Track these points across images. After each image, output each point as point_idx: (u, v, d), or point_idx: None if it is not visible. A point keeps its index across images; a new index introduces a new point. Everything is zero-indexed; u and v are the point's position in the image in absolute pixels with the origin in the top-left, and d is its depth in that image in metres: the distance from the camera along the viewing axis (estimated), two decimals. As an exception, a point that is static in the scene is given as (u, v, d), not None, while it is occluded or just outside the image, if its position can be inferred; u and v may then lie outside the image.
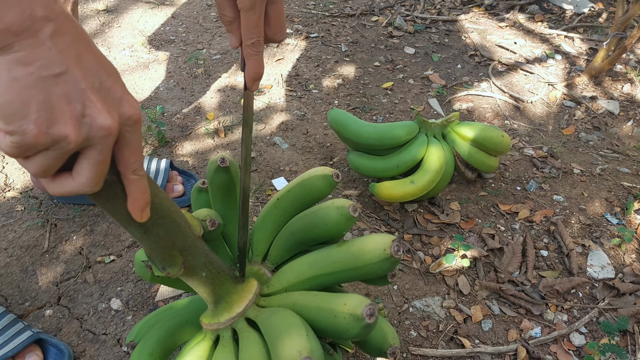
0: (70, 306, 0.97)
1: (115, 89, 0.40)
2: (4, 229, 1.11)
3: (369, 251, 0.63)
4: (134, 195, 0.45)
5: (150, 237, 0.53)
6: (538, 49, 1.78)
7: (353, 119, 1.13)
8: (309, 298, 0.64)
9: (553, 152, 1.33)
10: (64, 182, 0.41)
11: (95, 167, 0.40)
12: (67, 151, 0.38)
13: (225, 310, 0.65)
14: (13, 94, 0.35)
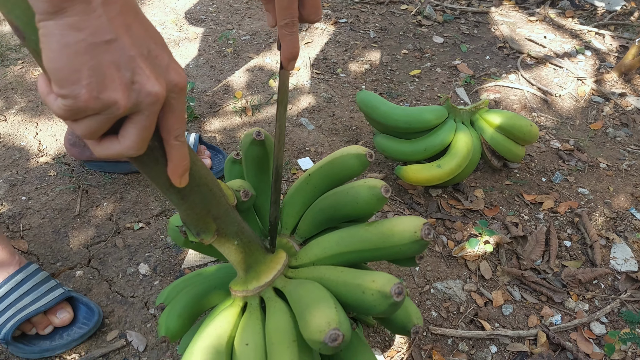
0: (100, 268, 0.99)
1: (162, 57, 0.41)
2: (37, 192, 1.14)
3: (399, 232, 0.63)
4: (175, 161, 0.47)
5: (187, 203, 0.55)
6: (568, 44, 1.77)
7: (382, 101, 1.14)
8: (336, 273, 0.65)
9: (580, 146, 1.33)
10: (110, 145, 0.43)
11: (141, 131, 0.42)
12: (116, 116, 0.39)
13: (254, 278, 0.67)
14: (66, 59, 0.36)
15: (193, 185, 0.54)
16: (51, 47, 0.36)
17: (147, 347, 0.88)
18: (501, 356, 0.89)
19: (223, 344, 0.63)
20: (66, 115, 0.38)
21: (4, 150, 1.24)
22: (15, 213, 1.09)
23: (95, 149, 0.43)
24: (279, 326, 0.62)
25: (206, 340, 0.63)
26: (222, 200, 0.59)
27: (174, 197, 0.54)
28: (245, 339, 0.63)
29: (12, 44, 1.63)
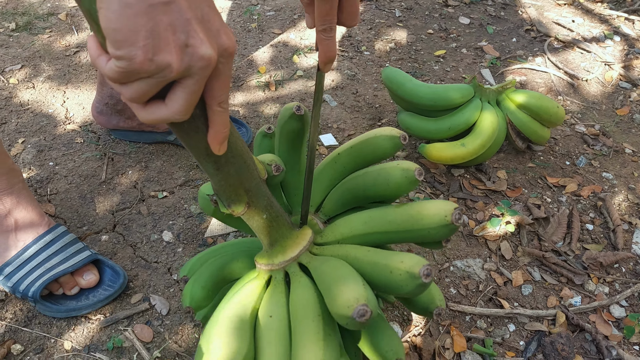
0: (124, 234, 1.01)
1: (214, 20, 0.41)
2: (64, 158, 1.16)
3: (429, 216, 0.63)
4: (216, 127, 0.47)
5: (222, 174, 0.55)
6: (596, 29, 1.73)
7: (408, 78, 1.13)
8: (363, 252, 0.65)
9: (605, 131, 1.31)
10: (156, 110, 0.43)
11: (189, 95, 0.42)
12: (167, 79, 0.40)
13: (280, 253, 0.67)
14: (124, 20, 0.37)
15: (229, 155, 0.54)
16: (111, 7, 0.37)
17: (170, 311, 0.90)
18: (519, 334, 0.89)
19: (247, 314, 0.64)
20: (118, 77, 0.39)
21: (32, 117, 1.26)
22: (43, 178, 1.11)
23: (140, 113, 0.43)
24: (304, 300, 0.63)
25: (231, 310, 0.64)
26: (254, 174, 0.59)
27: (210, 166, 0.54)
28: (269, 311, 0.64)
29: (40, 13, 1.65)
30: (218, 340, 0.61)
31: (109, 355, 0.83)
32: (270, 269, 0.68)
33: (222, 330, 0.62)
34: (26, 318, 0.88)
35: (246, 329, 0.63)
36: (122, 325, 0.87)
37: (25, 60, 1.44)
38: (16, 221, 0.88)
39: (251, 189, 0.60)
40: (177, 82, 0.41)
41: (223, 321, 0.63)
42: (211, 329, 0.63)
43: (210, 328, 0.64)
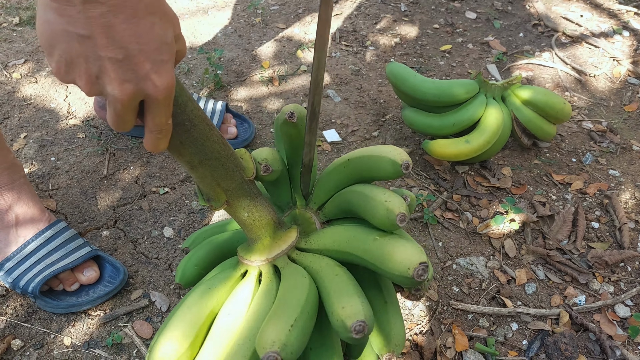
0: (125, 229, 1.01)
1: (142, 66, 0.41)
2: (66, 153, 1.15)
3: (396, 261, 0.61)
4: (145, 142, 0.49)
5: (196, 173, 0.59)
6: (605, 24, 1.71)
7: (412, 73, 1.12)
8: (330, 276, 0.64)
9: (613, 128, 1.30)
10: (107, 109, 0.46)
11: (112, 118, 0.45)
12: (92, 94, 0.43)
13: (257, 251, 0.69)
14: (44, 32, 0.40)
15: (202, 159, 0.58)
16: (39, 15, 0.40)
17: (170, 307, 0.89)
18: (522, 333, 0.88)
19: (208, 307, 0.67)
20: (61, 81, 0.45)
21: (34, 112, 1.26)
22: (45, 173, 1.11)
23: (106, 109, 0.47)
24: (262, 309, 0.64)
25: (194, 297, 0.67)
26: (235, 175, 0.62)
27: (184, 165, 0.58)
28: (229, 309, 0.66)
29: (44, 7, 1.65)
30: (167, 330, 0.64)
31: (109, 351, 0.83)
32: (246, 264, 0.69)
33: (176, 318, 0.65)
34: (26, 314, 0.88)
35: (197, 323, 0.65)
36: (122, 322, 0.87)
37: (28, 55, 1.44)
38: (17, 216, 0.88)
39: (230, 189, 0.63)
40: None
41: (182, 308, 0.66)
42: (172, 313, 0.66)
43: (173, 311, 0.67)
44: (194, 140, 0.56)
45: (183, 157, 0.57)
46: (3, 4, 1.64)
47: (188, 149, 0.56)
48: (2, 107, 1.26)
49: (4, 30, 1.53)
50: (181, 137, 0.54)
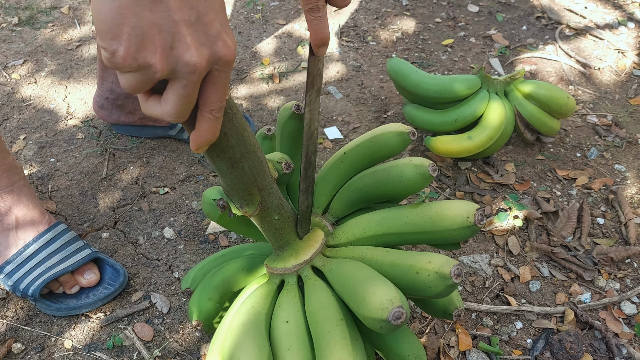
0: (125, 230, 1.00)
1: (212, 26, 0.39)
2: (65, 154, 1.15)
3: (450, 217, 0.61)
4: (200, 132, 0.45)
5: (235, 172, 0.53)
6: (610, 15, 1.69)
7: (413, 69, 1.10)
8: (381, 253, 0.63)
9: (618, 121, 1.28)
10: (153, 105, 0.42)
11: (179, 99, 0.40)
12: (154, 78, 0.38)
13: (292, 256, 0.65)
14: (110, 12, 0.36)
15: (244, 151, 0.52)
16: (97, 0, 0.36)
17: (171, 309, 0.89)
18: (526, 332, 0.87)
19: (262, 320, 0.62)
20: (108, 65, 0.38)
21: (33, 112, 1.25)
22: (44, 174, 1.10)
23: (142, 104, 0.43)
24: (323, 305, 0.61)
25: (244, 317, 0.62)
26: (267, 171, 0.57)
27: (224, 164, 0.52)
28: (285, 317, 0.62)
29: (43, 6, 1.64)
30: (237, 351, 0.58)
31: (109, 354, 0.83)
32: (282, 272, 0.66)
33: (239, 339, 0.59)
34: (27, 317, 0.87)
35: (263, 336, 0.60)
36: (123, 324, 0.86)
37: (27, 55, 1.43)
38: (17, 219, 0.88)
39: (264, 188, 0.58)
40: (169, 82, 0.40)
41: (238, 330, 0.60)
42: (226, 339, 0.61)
43: (224, 338, 0.61)
44: (236, 131, 0.50)
45: (226, 153, 0.51)
46: (2, 4, 1.64)
47: (232, 140, 0.50)
48: (2, 109, 1.26)
49: (3, 31, 1.53)
50: (225, 127, 0.49)
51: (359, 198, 0.70)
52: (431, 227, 0.62)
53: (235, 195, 0.56)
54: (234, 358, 0.57)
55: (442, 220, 0.61)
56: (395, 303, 0.52)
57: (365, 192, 0.69)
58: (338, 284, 0.61)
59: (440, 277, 0.56)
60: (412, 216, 0.63)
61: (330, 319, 0.59)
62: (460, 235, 0.61)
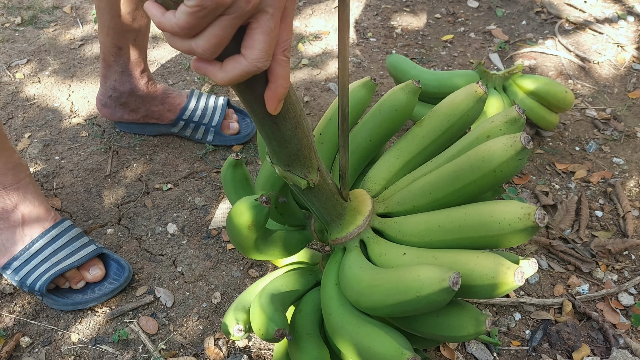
0: (129, 227, 1.02)
1: None
2: (69, 152, 1.16)
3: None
4: (278, 81, 0.42)
5: (299, 132, 0.50)
6: (609, 9, 1.69)
7: (412, 65, 1.11)
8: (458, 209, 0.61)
9: (617, 115, 1.29)
10: (234, 65, 0.39)
11: (267, 35, 0.38)
12: (244, 13, 0.36)
13: (350, 222, 0.65)
14: None
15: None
16: None
17: (175, 303, 0.90)
18: (525, 323, 0.88)
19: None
20: (191, 22, 0.35)
21: (37, 111, 1.27)
22: (49, 172, 1.12)
23: (217, 75, 0.40)
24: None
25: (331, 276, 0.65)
26: (311, 134, 0.54)
27: (289, 126, 0.49)
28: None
29: (45, 6, 1.65)
30: (367, 338, 0.58)
31: (115, 347, 0.84)
32: (344, 241, 0.65)
33: (366, 329, 0.59)
34: (34, 311, 0.89)
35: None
36: (128, 318, 0.88)
37: (30, 55, 1.45)
38: (23, 216, 0.89)
39: (316, 151, 0.55)
40: (250, 25, 0.38)
41: (358, 322, 0.60)
42: (352, 329, 0.60)
43: (344, 326, 0.60)
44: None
45: (290, 112, 0.48)
46: (4, 4, 1.65)
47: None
48: (6, 108, 1.27)
49: (6, 31, 1.54)
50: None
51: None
52: (480, 170, 0.58)
53: (297, 164, 0.54)
54: (362, 344, 0.58)
55: (492, 157, 0.57)
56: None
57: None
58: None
59: (526, 216, 0.54)
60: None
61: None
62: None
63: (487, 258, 0.56)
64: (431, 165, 0.69)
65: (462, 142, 0.67)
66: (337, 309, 0.63)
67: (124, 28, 1.02)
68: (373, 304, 0.57)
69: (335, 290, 0.65)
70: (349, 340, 0.60)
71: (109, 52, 1.06)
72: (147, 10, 0.38)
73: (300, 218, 0.74)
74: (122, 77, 1.09)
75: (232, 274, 0.94)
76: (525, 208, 0.55)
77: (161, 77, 1.40)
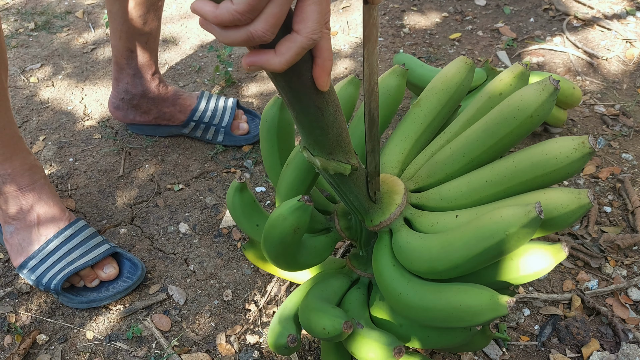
0: (142, 226, 1.04)
1: None
2: (83, 154, 1.19)
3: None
4: (324, 55, 0.42)
5: (340, 116, 0.51)
6: (618, 5, 1.68)
7: (419, 64, 1.12)
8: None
9: (626, 111, 1.28)
10: (289, 44, 0.39)
11: (319, 5, 0.38)
12: None
13: (391, 204, 0.65)
14: None
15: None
16: None
17: (187, 300, 0.92)
18: (534, 319, 0.89)
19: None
20: (252, 3, 0.36)
21: (52, 114, 1.29)
22: (64, 173, 1.14)
23: (274, 61, 0.40)
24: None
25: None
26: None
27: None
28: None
29: (58, 11, 1.68)
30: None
31: (129, 344, 0.86)
32: (387, 223, 0.64)
33: (451, 290, 0.59)
34: (50, 309, 0.91)
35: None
36: (141, 315, 0.90)
37: (44, 59, 1.47)
38: (38, 216, 0.91)
39: (349, 136, 0.55)
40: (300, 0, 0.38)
41: (436, 288, 0.60)
42: (434, 296, 0.59)
43: (423, 297, 0.60)
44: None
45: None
46: (18, 10, 1.69)
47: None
48: (21, 111, 1.30)
49: (21, 36, 1.57)
50: None
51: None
52: (516, 119, 0.60)
53: (339, 150, 0.54)
54: (452, 304, 0.58)
55: (526, 104, 0.59)
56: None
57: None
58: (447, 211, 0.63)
59: (581, 146, 0.57)
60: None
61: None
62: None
63: (554, 191, 0.58)
64: (446, 136, 0.70)
65: (474, 106, 0.68)
66: (406, 286, 0.62)
67: (135, 31, 1.04)
68: (454, 262, 0.57)
69: (395, 270, 0.64)
70: (434, 308, 0.59)
71: (121, 55, 1.08)
72: (198, 9, 0.38)
73: (323, 222, 0.73)
74: (134, 80, 1.11)
75: (242, 272, 0.96)
76: (576, 139, 0.58)
77: (172, 79, 1.42)
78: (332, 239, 0.73)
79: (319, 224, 0.73)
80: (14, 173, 0.89)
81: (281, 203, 0.63)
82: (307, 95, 0.46)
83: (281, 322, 0.71)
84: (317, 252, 0.71)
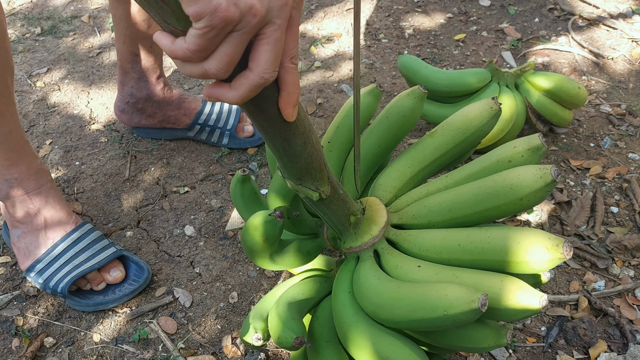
0: (148, 229, 1.04)
1: None
2: (89, 158, 1.19)
3: (528, 181, 0.59)
4: (289, 88, 0.43)
5: (309, 147, 0.51)
6: (623, 5, 1.68)
7: (423, 65, 1.12)
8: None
9: (632, 110, 1.28)
10: (242, 80, 0.39)
11: (275, 45, 0.38)
12: (252, 28, 0.36)
13: (366, 232, 0.65)
14: None
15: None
16: None
17: (193, 303, 0.92)
18: (540, 320, 0.88)
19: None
20: (201, 44, 0.36)
21: (58, 119, 1.30)
22: (70, 177, 1.15)
23: (228, 95, 0.40)
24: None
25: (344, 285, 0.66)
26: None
27: (300, 141, 0.49)
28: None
29: (64, 16, 1.69)
30: (389, 349, 0.59)
31: (136, 346, 0.87)
32: (358, 250, 0.65)
33: (385, 340, 0.60)
34: (57, 312, 0.92)
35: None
36: (148, 318, 0.90)
37: (51, 64, 1.48)
38: (45, 220, 0.92)
39: (326, 162, 0.56)
40: (256, 38, 0.38)
41: (375, 332, 0.61)
42: (369, 339, 0.60)
43: (359, 335, 0.61)
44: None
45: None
46: (25, 15, 1.70)
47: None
48: (28, 116, 1.31)
49: (27, 41, 1.59)
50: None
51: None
52: (507, 197, 0.60)
53: (308, 177, 0.54)
54: (380, 354, 0.58)
55: (520, 187, 0.59)
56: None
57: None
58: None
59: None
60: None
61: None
62: (539, 198, 0.59)
63: (511, 283, 0.57)
64: (446, 180, 0.70)
65: (480, 163, 0.68)
66: (351, 317, 0.63)
67: (139, 35, 1.05)
68: (394, 318, 0.58)
69: (349, 298, 0.65)
70: (365, 350, 0.60)
71: (126, 60, 1.08)
72: (157, 40, 0.39)
73: (312, 226, 0.74)
74: (138, 84, 1.11)
75: (248, 274, 0.96)
76: (553, 238, 0.57)
77: (177, 82, 1.43)
78: (318, 245, 0.74)
79: (309, 228, 0.74)
80: (20, 177, 0.89)
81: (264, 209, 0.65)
82: (272, 127, 0.47)
83: (249, 318, 0.72)
84: (301, 255, 0.72)
